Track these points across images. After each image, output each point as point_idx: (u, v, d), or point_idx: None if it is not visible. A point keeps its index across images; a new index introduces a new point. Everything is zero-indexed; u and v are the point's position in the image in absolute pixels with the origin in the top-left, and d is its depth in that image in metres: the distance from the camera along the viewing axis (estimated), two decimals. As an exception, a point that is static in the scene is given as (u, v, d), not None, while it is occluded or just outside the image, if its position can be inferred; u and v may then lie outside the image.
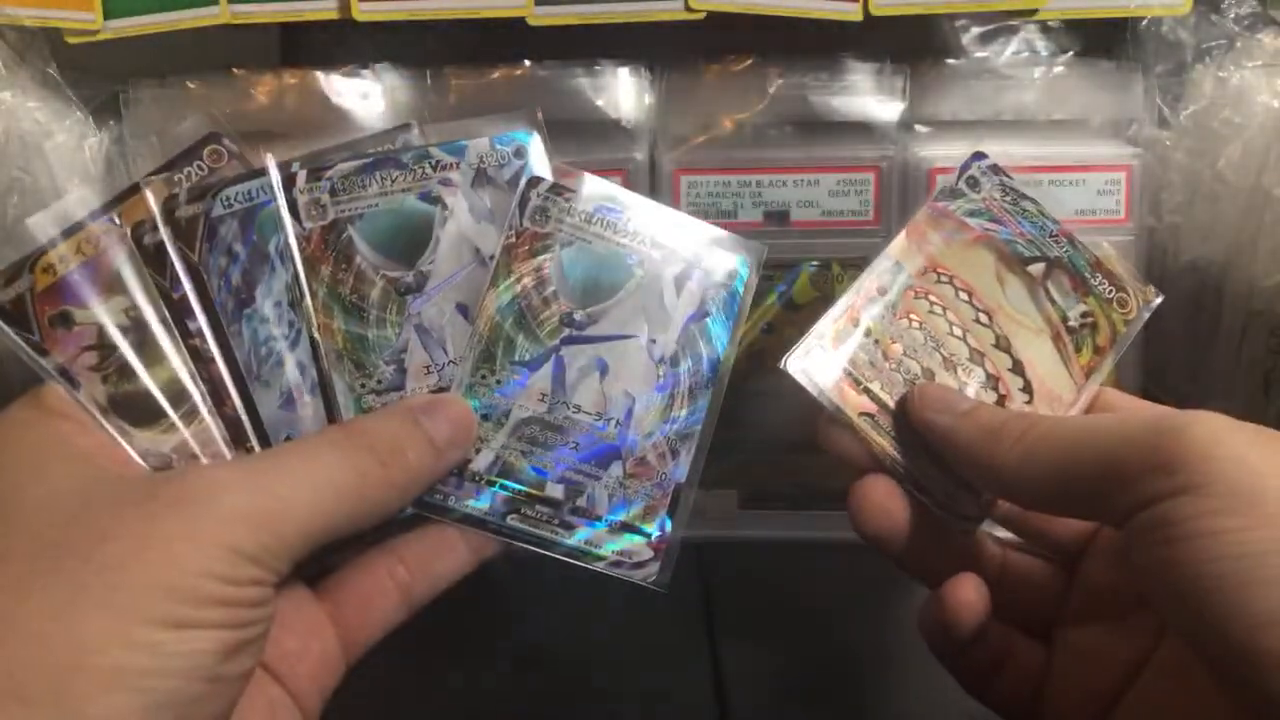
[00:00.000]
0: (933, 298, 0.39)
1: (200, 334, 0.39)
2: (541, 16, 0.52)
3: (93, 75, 0.54)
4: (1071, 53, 0.55)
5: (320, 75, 0.53)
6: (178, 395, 0.38)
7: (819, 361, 0.38)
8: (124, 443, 0.36)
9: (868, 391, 0.38)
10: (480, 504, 0.37)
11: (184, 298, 0.39)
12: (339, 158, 0.40)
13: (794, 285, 0.54)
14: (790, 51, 0.55)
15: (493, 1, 0.52)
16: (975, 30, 0.55)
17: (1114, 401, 0.42)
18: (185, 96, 0.53)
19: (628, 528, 0.38)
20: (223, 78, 0.53)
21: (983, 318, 0.38)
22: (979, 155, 0.43)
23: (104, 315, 0.38)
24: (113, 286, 0.39)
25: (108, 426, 0.36)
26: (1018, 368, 0.38)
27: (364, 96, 0.53)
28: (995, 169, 0.41)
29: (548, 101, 0.55)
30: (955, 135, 0.55)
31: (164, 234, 0.40)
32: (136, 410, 0.37)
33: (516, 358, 0.38)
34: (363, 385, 0.38)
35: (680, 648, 0.66)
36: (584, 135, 0.54)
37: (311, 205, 0.39)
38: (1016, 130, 0.55)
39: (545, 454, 0.38)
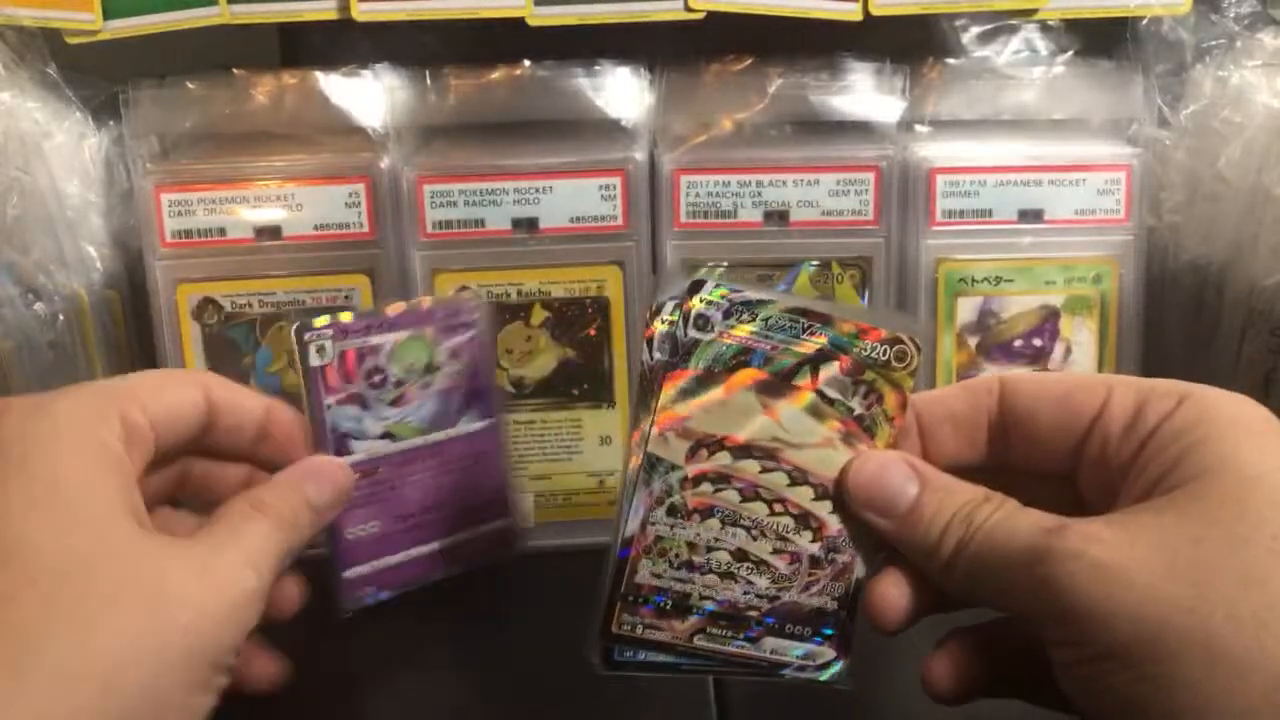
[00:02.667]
0: (711, 473, 0.35)
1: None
2: (541, 16, 0.52)
3: (93, 75, 0.54)
4: (1071, 53, 0.55)
5: (320, 75, 0.53)
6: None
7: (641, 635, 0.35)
8: None
9: (692, 610, 0.35)
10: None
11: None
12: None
13: (794, 285, 0.54)
14: (790, 51, 0.55)
15: (493, 1, 0.52)
16: (975, 30, 0.55)
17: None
18: (185, 96, 0.53)
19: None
20: (223, 78, 0.53)
21: (768, 463, 0.34)
22: (697, 285, 0.34)
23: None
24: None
25: None
26: (822, 492, 0.35)
27: (364, 96, 0.53)
28: (719, 286, 0.35)
29: (548, 101, 0.55)
30: (955, 135, 0.55)
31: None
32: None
33: None
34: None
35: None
36: (584, 135, 0.54)
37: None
38: (1016, 130, 0.55)
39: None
